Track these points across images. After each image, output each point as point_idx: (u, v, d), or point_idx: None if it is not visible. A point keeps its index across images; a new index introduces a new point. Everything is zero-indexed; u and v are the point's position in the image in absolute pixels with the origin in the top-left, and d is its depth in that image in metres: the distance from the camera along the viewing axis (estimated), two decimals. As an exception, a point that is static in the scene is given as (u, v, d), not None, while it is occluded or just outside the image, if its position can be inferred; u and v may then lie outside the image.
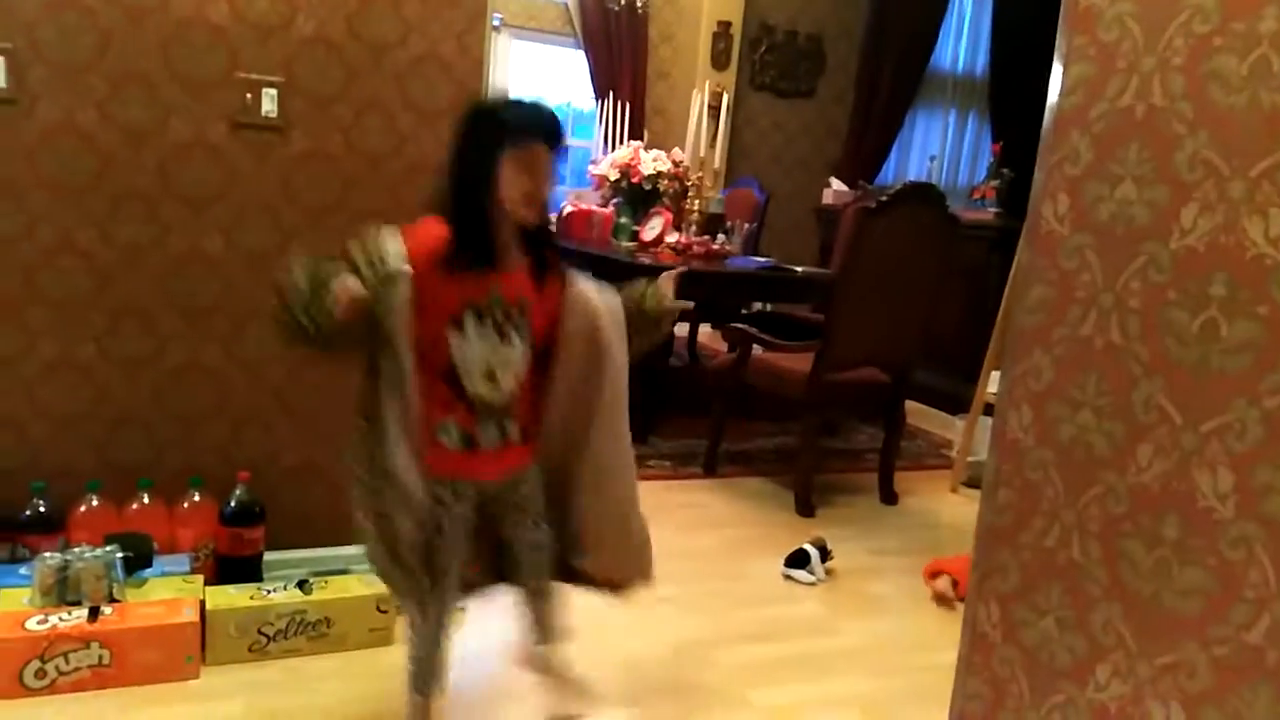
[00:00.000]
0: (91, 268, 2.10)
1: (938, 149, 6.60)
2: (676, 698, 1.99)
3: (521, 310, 1.57)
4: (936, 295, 3.37)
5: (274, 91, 2.15)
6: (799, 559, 2.67)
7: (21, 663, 1.76)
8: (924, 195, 3.23)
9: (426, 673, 1.65)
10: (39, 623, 1.80)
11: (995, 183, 5.09)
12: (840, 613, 2.50)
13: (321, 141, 2.20)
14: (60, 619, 1.82)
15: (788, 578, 2.65)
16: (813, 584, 2.63)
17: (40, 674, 1.77)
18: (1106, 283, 1.19)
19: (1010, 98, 5.73)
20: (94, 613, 1.84)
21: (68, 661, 1.79)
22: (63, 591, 1.87)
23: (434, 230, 1.50)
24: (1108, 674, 1.19)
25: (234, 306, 2.20)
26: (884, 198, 3.08)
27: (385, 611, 2.07)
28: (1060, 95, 1.27)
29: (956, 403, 4.17)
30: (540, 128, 1.50)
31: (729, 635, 2.30)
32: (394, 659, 1.85)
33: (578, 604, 2.36)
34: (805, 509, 3.18)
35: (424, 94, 2.27)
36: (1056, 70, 1.28)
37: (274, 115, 2.15)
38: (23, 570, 1.94)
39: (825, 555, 2.70)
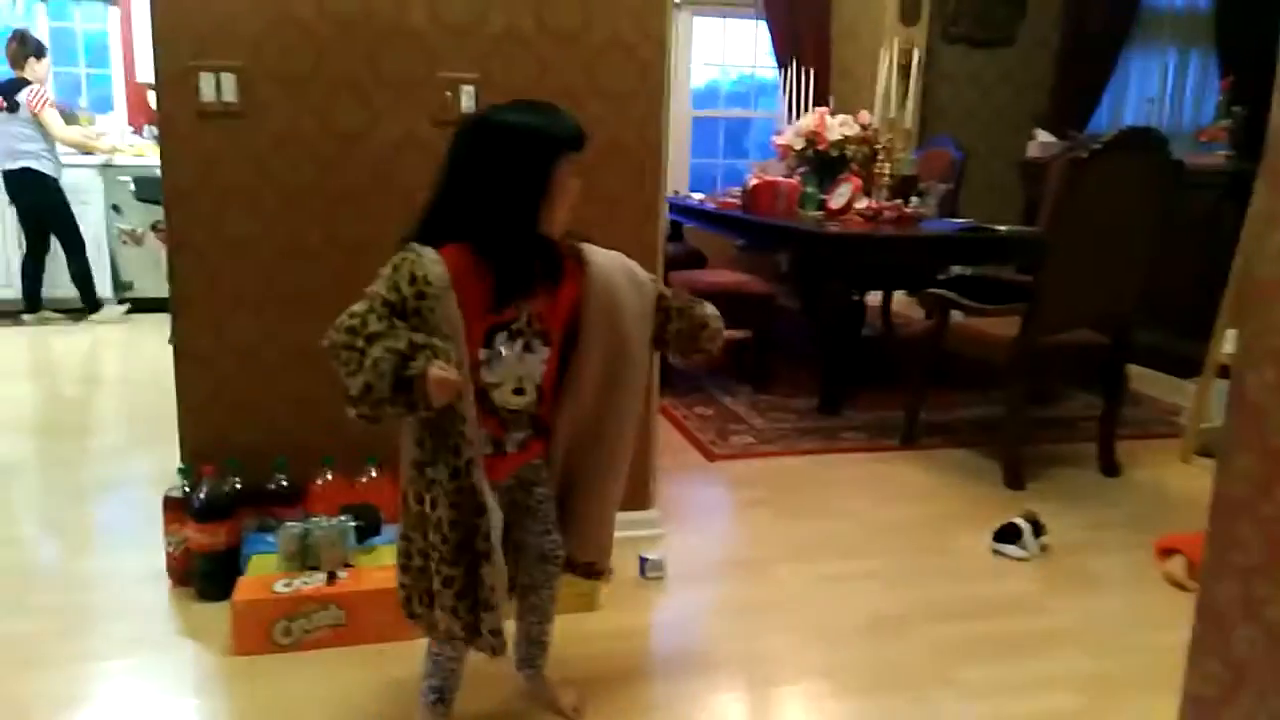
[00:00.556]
0: (319, 263, 2.28)
1: (1156, 91, 6.04)
2: (873, 673, 1.95)
3: (542, 318, 1.53)
4: (1159, 249, 3.10)
5: (471, 89, 2.26)
6: (1009, 533, 2.54)
7: (271, 621, 1.95)
8: (1142, 141, 2.98)
9: (450, 693, 1.66)
10: (285, 585, 1.99)
11: (1225, 123, 4.61)
12: (1055, 590, 2.37)
13: (515, 131, 2.29)
14: (303, 582, 2.00)
15: (997, 553, 2.53)
16: (1025, 559, 2.50)
17: (287, 632, 1.96)
18: (1362, 223, 1.06)
19: (1240, 28, 5.15)
20: (331, 577, 2.02)
21: (310, 621, 1.97)
22: (304, 557, 2.07)
23: (461, 257, 1.43)
24: (1371, 659, 1.07)
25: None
26: (1097, 146, 2.86)
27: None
28: (1301, 16, 1.14)
29: (1187, 365, 3.83)
30: (577, 135, 1.47)
31: (932, 611, 2.23)
32: (597, 624, 1.93)
33: (776, 575, 2.37)
34: (1014, 481, 3.03)
35: (611, 78, 2.32)
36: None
37: (472, 111, 2.26)
38: (270, 538, 2.16)
39: (1038, 530, 2.56)
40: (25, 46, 5.18)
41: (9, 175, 5.17)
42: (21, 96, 5.11)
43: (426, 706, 1.66)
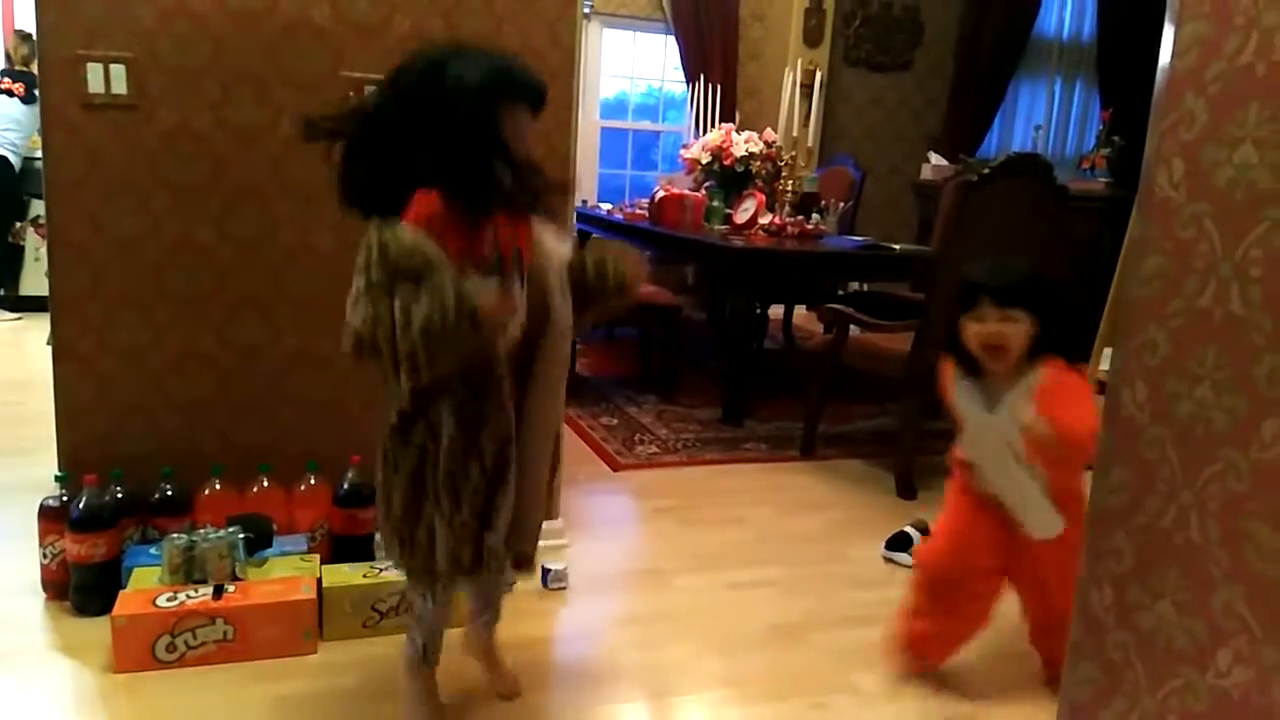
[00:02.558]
0: (211, 263, 2.20)
1: (1043, 118, 6.35)
2: (774, 680, 1.99)
3: (516, 254, 1.54)
4: (1045, 270, 3.25)
5: (374, 89, 2.21)
6: (901, 541, 2.62)
7: (153, 637, 1.87)
8: (1028, 166, 3.13)
9: (436, 647, 1.69)
10: (168, 599, 1.91)
11: (1105, 151, 4.88)
12: (945, 596, 2.44)
13: (421, 135, 2.26)
14: (188, 596, 1.92)
15: (889, 560, 2.61)
16: (909, 567, 2.58)
17: (170, 648, 1.88)
18: (1226, 251, 1.13)
19: (1120, 62, 5.47)
20: (218, 590, 1.95)
21: (195, 636, 1.89)
22: (190, 570, 1.98)
23: (427, 202, 1.43)
24: (1229, 660, 1.14)
25: (343, 298, 2.28)
26: (986, 170, 2.98)
27: (490, 591, 2.13)
28: (1173, 56, 1.21)
29: (1066, 381, 4.02)
30: (534, 89, 1.50)
31: (830, 618, 2.28)
32: (504, 634, 1.91)
33: (678, 585, 2.39)
34: (907, 491, 3.13)
35: (518, 84, 2.31)
36: (1168, 30, 1.22)
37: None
38: (153, 550, 2.07)
39: (927, 535, 2.65)
40: (32, 44, 5.02)
41: None
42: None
43: (413, 661, 1.67)
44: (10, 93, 5.10)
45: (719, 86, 5.38)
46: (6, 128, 5.08)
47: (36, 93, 4.87)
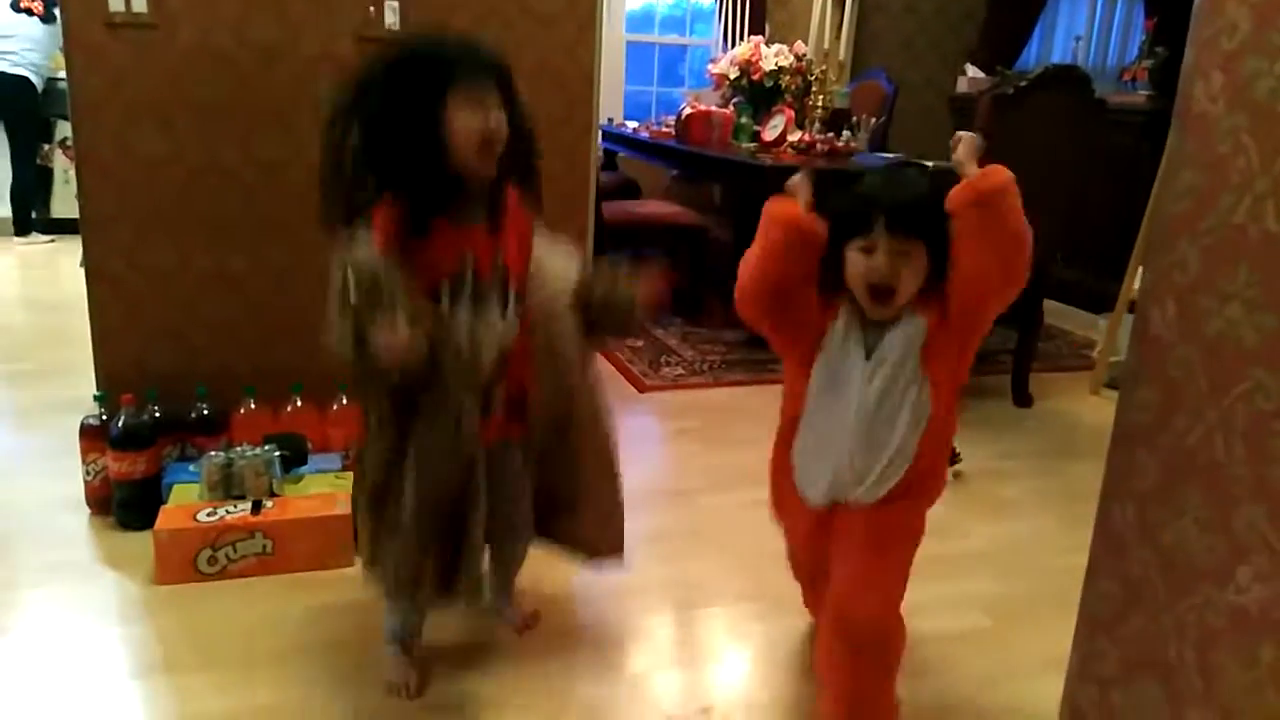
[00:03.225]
0: (237, 184, 2.21)
1: (1084, 29, 6.12)
2: (794, 596, 2.02)
3: (501, 274, 1.44)
4: (1080, 186, 3.18)
5: (395, 4, 2.18)
6: (926, 461, 2.63)
7: (195, 550, 1.93)
8: (1066, 79, 3.03)
9: (413, 632, 1.66)
10: (208, 515, 1.97)
11: (1148, 63, 4.71)
12: (967, 516, 2.47)
13: (442, 52, 2.23)
14: (227, 511, 1.98)
15: (914, 480, 2.62)
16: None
17: (212, 560, 1.95)
18: (1263, 165, 1.10)
19: (1167, -32, 5.23)
20: (256, 506, 2.01)
21: (235, 550, 1.96)
22: (228, 487, 2.04)
23: (388, 211, 1.37)
24: (1249, 576, 1.15)
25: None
26: (1022, 83, 2.90)
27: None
28: (1219, -40, 1.16)
29: (1102, 301, 3.97)
30: (486, 64, 1.36)
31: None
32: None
33: (702, 503, 2.42)
34: (933, 411, 3.12)
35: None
36: (1215, -68, 1.16)
37: (396, 28, 2.19)
38: (191, 468, 2.12)
39: (954, 459, 2.66)
40: None
41: (4, 78, 5.02)
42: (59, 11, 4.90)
43: (391, 656, 1.66)
44: (29, 11, 5.06)
45: (748, -3, 5.24)
46: (27, 47, 5.06)
47: (56, 11, 4.87)
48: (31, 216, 5.29)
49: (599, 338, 1.59)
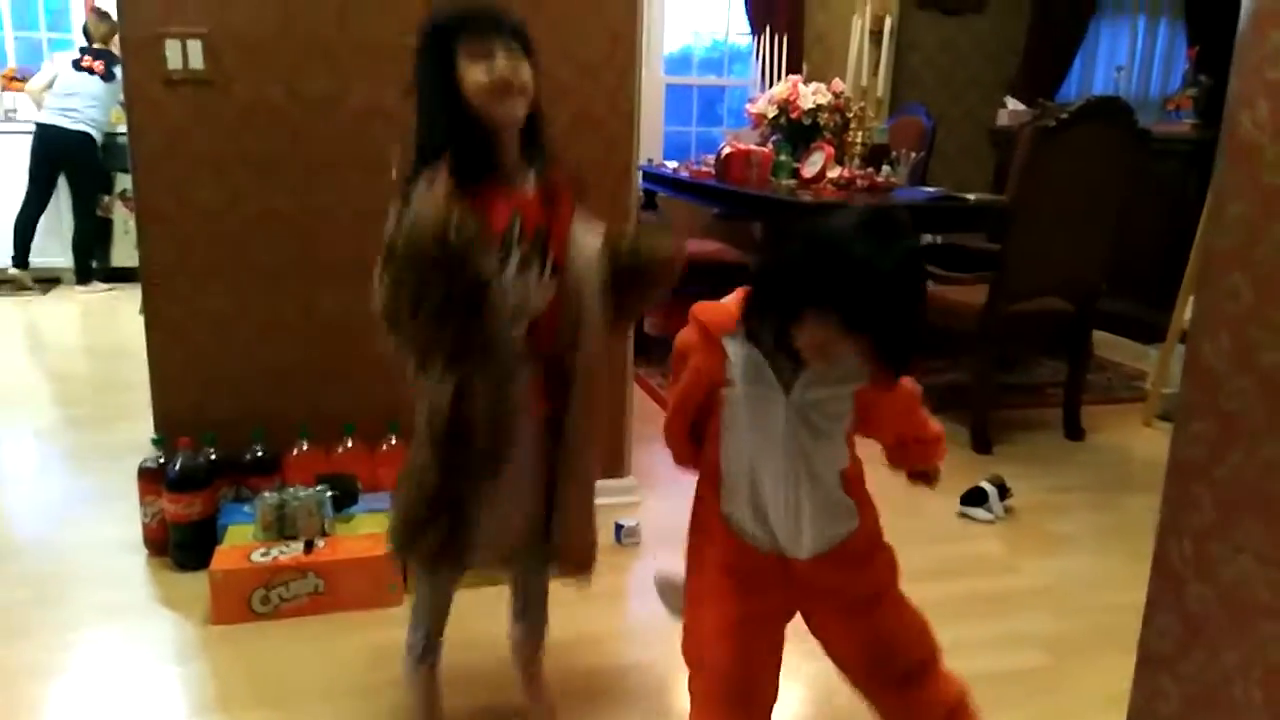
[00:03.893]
0: (291, 233, 2.27)
1: (1125, 58, 6.08)
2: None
3: (540, 237, 1.42)
4: (1125, 218, 3.15)
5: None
6: (976, 497, 2.60)
7: (249, 590, 1.97)
8: (1107, 110, 3.02)
9: (434, 643, 1.59)
10: (262, 555, 2.00)
11: (1191, 91, 4.66)
12: (1020, 551, 2.43)
13: (487, 99, 2.28)
14: (280, 551, 2.02)
15: (964, 516, 2.59)
16: (991, 522, 2.56)
17: (265, 600, 1.98)
18: (1315, 194, 1.09)
19: (1208, -3, 5.19)
20: (309, 546, 2.04)
21: (288, 589, 1.99)
22: (281, 527, 2.08)
23: (440, 173, 1.35)
24: (1315, 613, 1.12)
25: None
26: (1063, 115, 2.89)
27: (565, 547, 2.18)
28: (1260, -10, 1.16)
29: (1152, 331, 3.91)
30: (490, 17, 1.38)
31: (904, 573, 2.27)
32: (573, 589, 1.96)
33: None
34: (982, 446, 3.09)
35: (582, 46, 2.31)
36: (1256, -38, 1.16)
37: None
38: (246, 509, 2.17)
39: (1004, 493, 2.62)
40: (111, 22, 5.21)
41: (67, 134, 5.22)
42: (118, 70, 5.15)
43: (411, 664, 1.60)
44: (91, 70, 5.27)
45: (785, 37, 5.28)
46: (89, 104, 5.26)
47: (116, 70, 5.08)
48: (92, 265, 5.47)
49: (630, 299, 1.53)
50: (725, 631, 1.38)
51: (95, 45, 5.35)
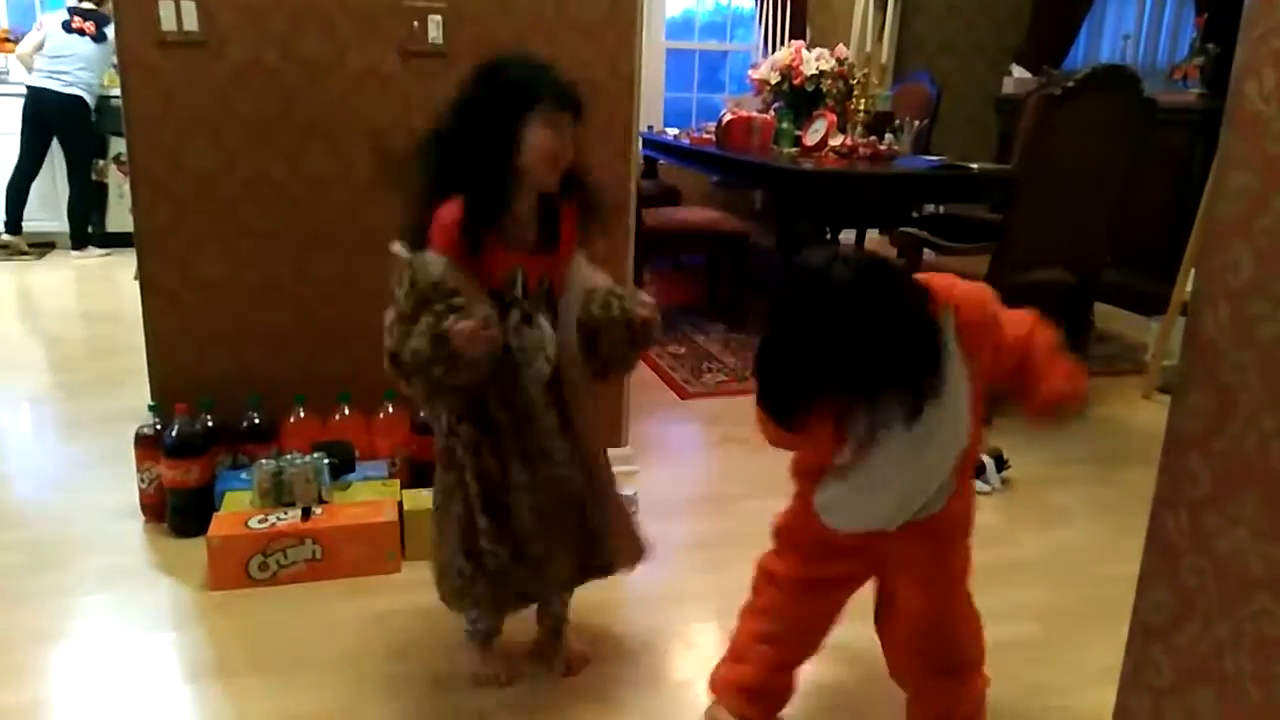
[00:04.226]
0: (285, 198, 2.25)
1: (1133, 27, 6.01)
2: (847, 607, 2.01)
3: (546, 288, 1.50)
4: (1129, 188, 3.12)
5: (439, 18, 2.21)
6: (974, 468, 2.59)
7: (247, 557, 1.97)
8: (1114, 79, 2.98)
9: (498, 629, 1.70)
10: (259, 521, 2.01)
11: (1198, 60, 4.61)
12: (1018, 523, 2.43)
13: (485, 64, 2.25)
14: (278, 518, 2.02)
15: (961, 486, 2.59)
16: (988, 493, 2.56)
17: (263, 567, 1.98)
18: (1320, 165, 1.08)
19: (1218, -38, 5.12)
20: (306, 513, 2.04)
21: (286, 556, 1.99)
22: (278, 494, 2.08)
23: (450, 214, 1.41)
24: (1310, 587, 1.12)
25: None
26: (1069, 83, 2.86)
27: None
28: (1271, -45, 1.14)
29: (1154, 303, 3.89)
30: (567, 97, 1.42)
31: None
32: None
33: (745, 510, 2.42)
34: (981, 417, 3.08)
35: (581, 9, 2.28)
36: (1266, -73, 1.14)
37: (440, 42, 2.22)
38: (243, 475, 2.17)
39: (1001, 465, 2.62)
40: None
41: (59, 97, 5.15)
42: (110, 30, 5.09)
43: (475, 652, 1.70)
44: (81, 31, 5.20)
45: (788, 1, 5.22)
46: (80, 67, 5.19)
47: (108, 31, 5.01)
48: (88, 230, 5.44)
49: (600, 351, 1.54)
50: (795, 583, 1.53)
51: (85, 5, 5.28)
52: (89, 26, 5.20)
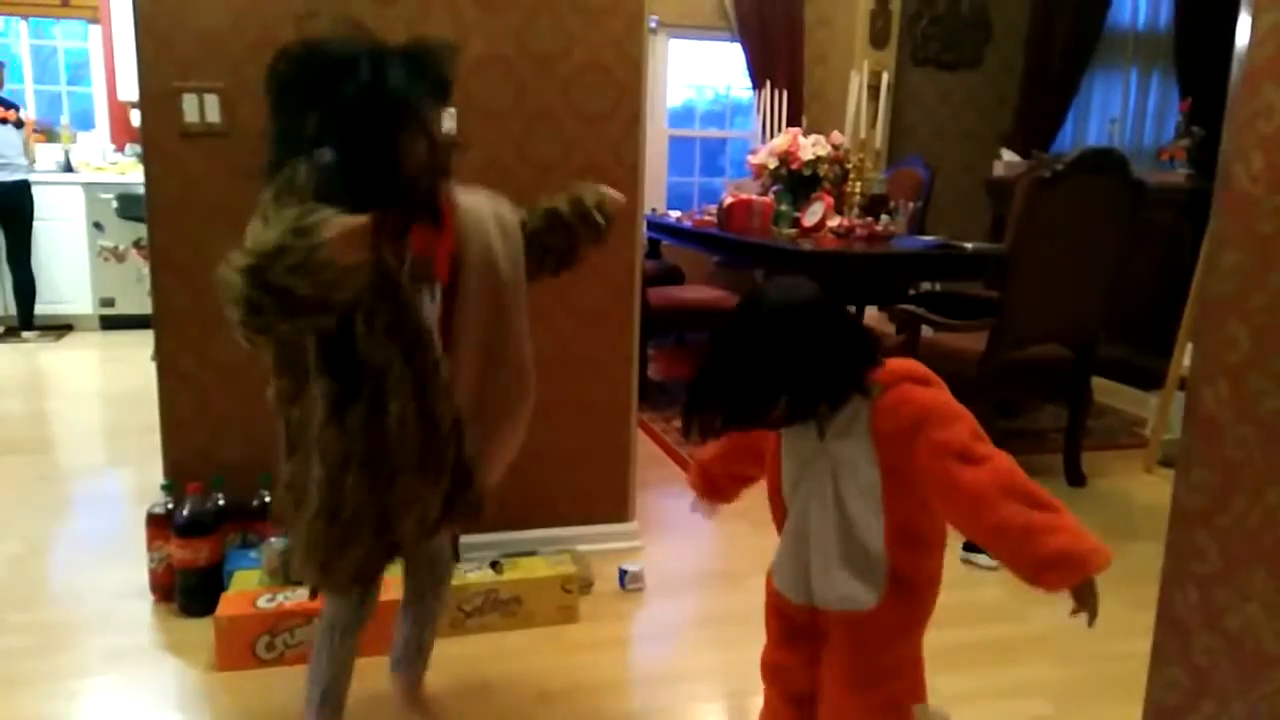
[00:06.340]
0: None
1: (1119, 111, 6.19)
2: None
3: (428, 264, 1.48)
4: (1121, 265, 3.19)
5: (452, 109, 2.29)
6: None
7: (254, 636, 1.96)
8: (1102, 161, 3.07)
9: (340, 695, 1.62)
10: (268, 600, 2.00)
11: (1184, 142, 4.74)
12: (1024, 598, 2.42)
13: (496, 154, 2.33)
14: (286, 597, 2.02)
15: (967, 562, 2.59)
16: (994, 569, 2.56)
17: (270, 646, 1.97)
18: (1308, 246, 1.12)
19: (1198, 50, 5.30)
20: (314, 592, 2.03)
21: (293, 636, 1.98)
22: (287, 572, 2.07)
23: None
24: (1322, 659, 1.12)
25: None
26: (1059, 166, 2.94)
27: (570, 591, 2.18)
28: (1250, 46, 1.20)
29: (1150, 378, 3.93)
30: (430, 86, 1.40)
31: (908, 620, 2.27)
32: (578, 635, 1.96)
33: (752, 586, 2.41)
34: (984, 493, 3.09)
35: (588, 100, 2.36)
36: (1245, 20, 1.21)
37: (453, 132, 2.29)
38: (253, 554, 2.17)
39: (1007, 540, 2.62)
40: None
41: (5, 186, 5.22)
42: (22, 114, 5.31)
43: (315, 713, 1.60)
44: (4, 120, 5.22)
45: (785, 91, 5.38)
46: (17, 153, 5.23)
47: (21, 115, 5.17)
48: (33, 312, 5.43)
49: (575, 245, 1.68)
50: (764, 673, 1.57)
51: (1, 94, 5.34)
52: (11, 114, 5.26)
